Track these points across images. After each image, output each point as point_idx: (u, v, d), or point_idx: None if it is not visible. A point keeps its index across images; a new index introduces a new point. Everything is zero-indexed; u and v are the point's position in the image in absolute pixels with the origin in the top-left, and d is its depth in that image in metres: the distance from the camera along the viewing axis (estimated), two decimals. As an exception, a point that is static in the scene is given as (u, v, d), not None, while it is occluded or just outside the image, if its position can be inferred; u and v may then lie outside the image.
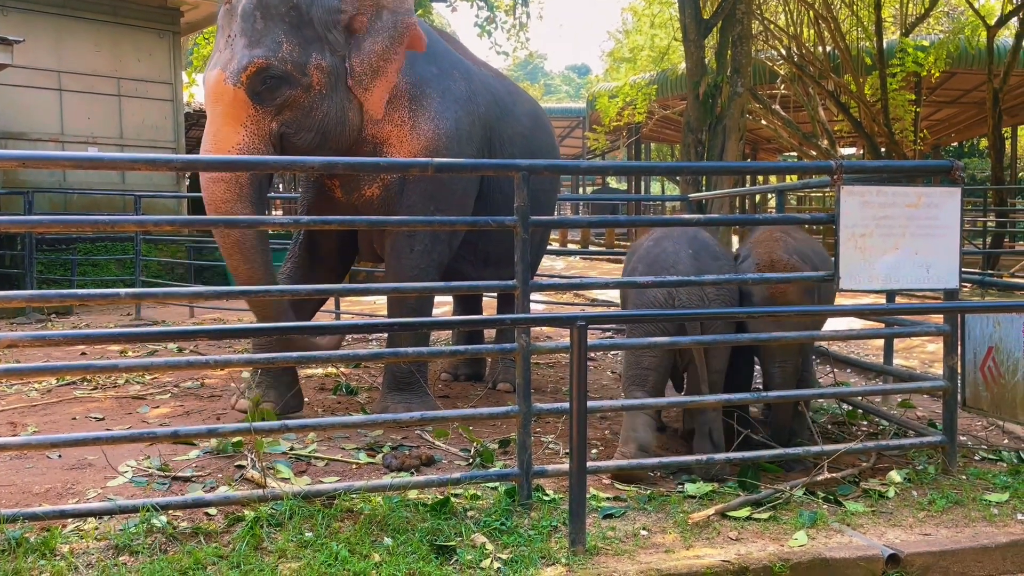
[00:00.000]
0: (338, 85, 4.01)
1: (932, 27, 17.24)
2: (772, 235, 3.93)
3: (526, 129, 4.98)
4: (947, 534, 3.04)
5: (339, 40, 3.99)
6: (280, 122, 3.89)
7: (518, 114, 4.97)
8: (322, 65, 3.92)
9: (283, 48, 3.81)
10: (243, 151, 3.81)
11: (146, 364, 3.21)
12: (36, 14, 10.49)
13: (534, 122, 5.16)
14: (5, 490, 3.23)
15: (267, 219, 3.80)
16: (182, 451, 3.75)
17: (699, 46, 9.19)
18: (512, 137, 4.83)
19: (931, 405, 4.93)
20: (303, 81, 3.87)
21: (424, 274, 4.29)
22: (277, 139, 3.92)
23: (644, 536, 2.92)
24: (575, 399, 2.75)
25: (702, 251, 3.63)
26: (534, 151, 4.97)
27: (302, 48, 3.87)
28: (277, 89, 3.84)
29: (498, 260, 4.97)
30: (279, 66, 3.80)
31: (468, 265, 4.89)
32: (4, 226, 3.55)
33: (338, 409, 4.64)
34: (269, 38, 3.81)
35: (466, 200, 4.48)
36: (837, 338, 4.37)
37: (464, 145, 4.38)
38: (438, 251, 4.37)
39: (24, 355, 5.82)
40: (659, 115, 17.62)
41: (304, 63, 3.87)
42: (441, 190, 4.28)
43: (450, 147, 4.27)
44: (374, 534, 2.81)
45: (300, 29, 3.88)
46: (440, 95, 4.31)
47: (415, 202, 4.24)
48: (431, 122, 4.24)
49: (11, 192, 9.79)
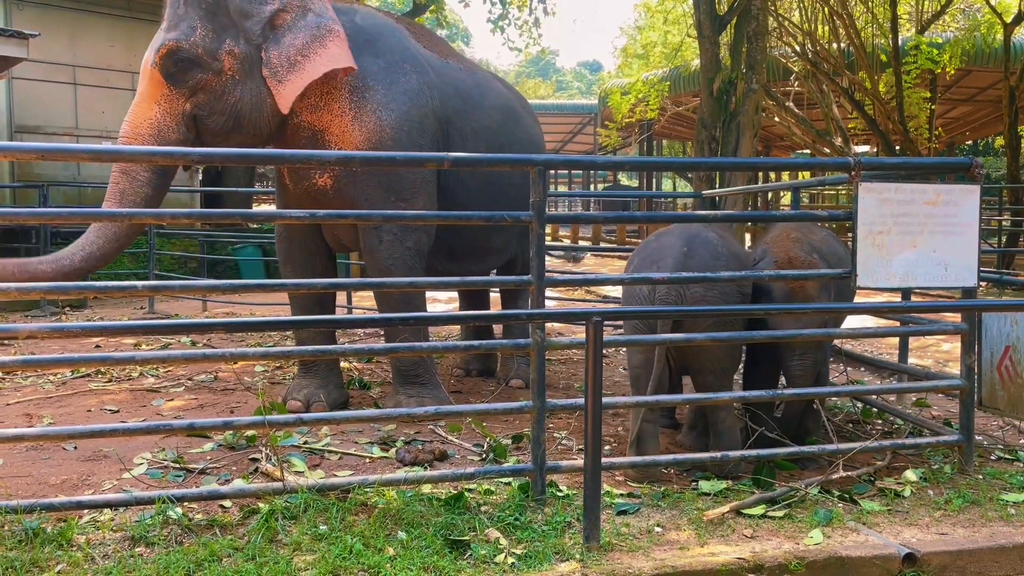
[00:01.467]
0: (252, 73, 4.12)
1: (948, 24, 17.12)
2: (789, 234, 3.91)
3: (494, 122, 4.93)
4: (964, 534, 3.01)
5: (255, 30, 4.11)
6: (193, 104, 4.06)
7: (486, 107, 4.92)
8: (234, 52, 4.06)
9: (196, 32, 3.99)
10: (155, 127, 3.98)
11: (162, 357, 3.22)
12: (51, 8, 10.55)
13: (505, 115, 5.09)
14: (22, 481, 3.26)
15: (254, 212, 3.86)
16: (196, 444, 3.77)
17: (714, 42, 9.15)
18: (477, 131, 4.79)
19: (946, 404, 4.90)
20: (214, 66, 4.03)
21: (400, 263, 4.29)
22: (191, 120, 4.06)
23: (658, 533, 2.91)
24: (590, 395, 2.74)
25: (700, 248, 3.56)
26: (504, 145, 4.92)
27: (216, 34, 4.03)
28: (188, 71, 4.00)
29: (464, 255, 4.96)
30: (189, 49, 3.97)
31: (435, 259, 4.85)
32: (22, 218, 3.56)
33: (351, 403, 4.65)
34: (185, 23, 4.00)
35: (428, 187, 4.44)
36: (853, 336, 4.34)
37: (416, 137, 4.36)
38: (412, 239, 4.33)
39: (39, 347, 5.85)
40: (671, 112, 17.54)
41: (216, 48, 4.02)
42: (396, 180, 4.28)
43: (397, 139, 4.27)
44: (388, 528, 2.81)
45: (215, 16, 4.05)
46: (386, 87, 4.32)
47: (372, 193, 4.25)
48: (374, 113, 4.25)
49: (26, 186, 9.85)
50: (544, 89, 47.99)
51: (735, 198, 8.31)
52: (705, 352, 3.58)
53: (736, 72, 8.95)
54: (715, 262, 3.53)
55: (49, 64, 10.36)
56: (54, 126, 10.63)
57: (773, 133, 20.55)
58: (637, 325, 3.65)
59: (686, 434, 4.08)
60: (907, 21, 15.97)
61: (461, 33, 49.32)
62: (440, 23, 17.06)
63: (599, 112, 22.70)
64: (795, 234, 3.90)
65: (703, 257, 3.54)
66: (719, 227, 3.92)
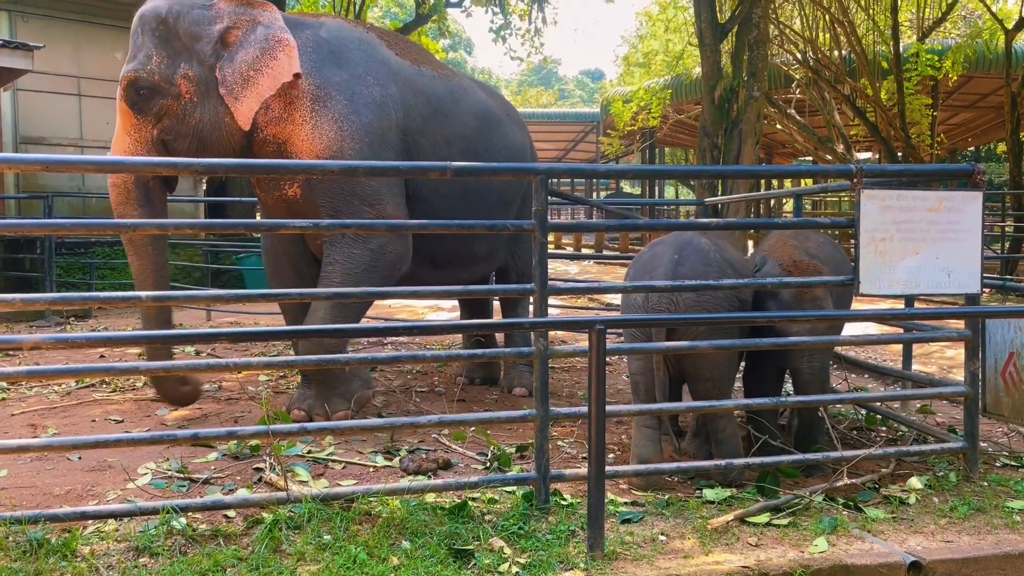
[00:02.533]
0: (209, 93, 4.20)
1: (949, 31, 17.15)
2: (787, 241, 3.92)
3: (468, 129, 4.92)
4: (969, 541, 3.01)
5: (206, 51, 4.18)
6: (160, 129, 4.17)
7: (459, 114, 4.91)
8: (189, 75, 4.16)
9: (152, 61, 4.11)
10: (129, 156, 4.09)
11: (166, 367, 3.24)
12: (56, 20, 10.60)
13: (482, 122, 5.07)
14: (26, 491, 3.26)
15: (251, 222, 3.92)
16: (201, 453, 3.77)
17: (715, 50, 9.18)
18: (450, 138, 4.79)
19: (950, 411, 4.88)
20: (171, 91, 4.14)
21: (361, 266, 4.24)
22: (159, 145, 4.19)
23: (663, 541, 2.91)
24: (593, 403, 2.75)
25: (691, 256, 3.56)
26: (479, 152, 4.92)
27: (170, 60, 4.14)
28: (151, 99, 4.12)
29: (447, 263, 4.97)
30: (147, 78, 4.09)
31: (418, 267, 4.83)
32: (27, 229, 3.58)
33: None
34: (142, 52, 4.13)
35: (394, 194, 4.40)
36: (857, 343, 4.34)
37: (377, 148, 4.36)
38: (376, 241, 4.28)
39: (44, 357, 5.86)
40: (673, 119, 17.58)
41: (171, 74, 4.13)
42: (361, 187, 4.27)
43: (358, 148, 4.27)
44: (392, 537, 2.81)
45: (168, 42, 4.15)
46: (348, 98, 4.33)
47: (338, 199, 4.26)
48: (335, 123, 4.27)
49: (31, 196, 9.89)
50: (546, 98, 48.10)
51: (737, 205, 8.32)
52: (702, 360, 3.57)
53: (738, 80, 8.98)
54: (706, 269, 3.52)
55: (54, 75, 10.41)
56: (59, 137, 10.68)
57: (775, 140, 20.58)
58: (635, 333, 3.66)
59: (690, 441, 4.07)
60: (908, 28, 16.00)
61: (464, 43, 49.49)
62: (442, 32, 17.12)
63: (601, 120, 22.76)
64: (792, 241, 3.91)
65: (694, 264, 3.53)
66: (716, 234, 3.92)
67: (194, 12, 4.19)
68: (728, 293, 3.57)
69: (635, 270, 3.76)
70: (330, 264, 4.30)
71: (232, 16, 4.23)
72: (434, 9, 15.00)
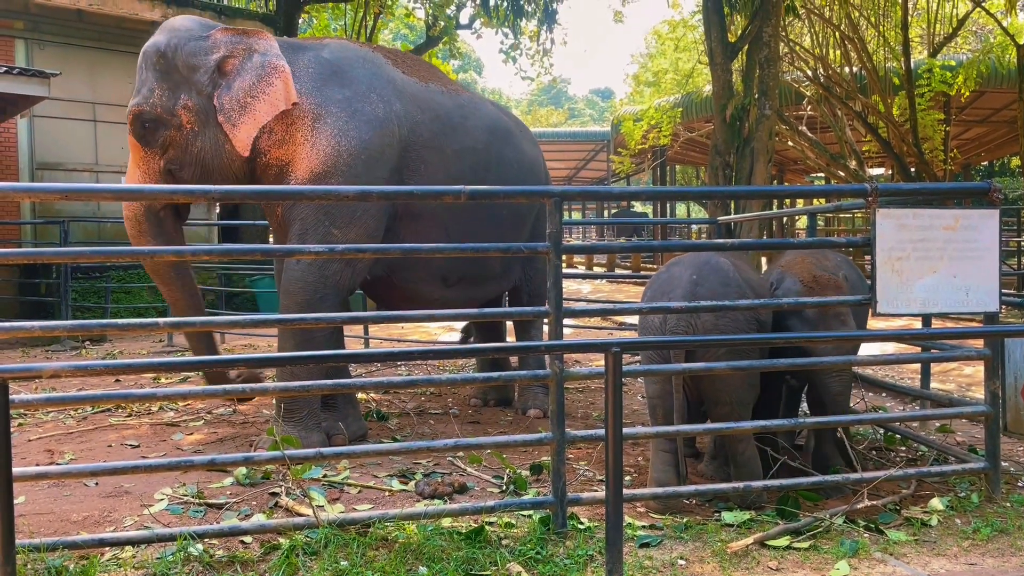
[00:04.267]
0: (209, 122, 4.27)
1: (960, 46, 17.12)
2: (804, 258, 3.90)
3: (479, 143, 4.94)
4: (993, 564, 2.96)
5: (203, 80, 4.24)
6: (166, 160, 4.27)
7: (468, 128, 4.93)
8: (189, 105, 4.23)
9: (154, 94, 4.21)
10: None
11: (182, 393, 3.24)
12: (72, 48, 10.74)
13: (492, 135, 5.09)
14: (44, 518, 3.26)
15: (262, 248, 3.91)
16: (217, 478, 3.76)
17: (726, 69, 9.19)
18: (459, 152, 4.81)
19: (970, 429, 4.83)
20: (173, 122, 4.22)
21: (311, 288, 4.21)
22: (166, 175, 4.27)
23: (682, 566, 2.88)
24: (610, 426, 2.72)
25: (710, 277, 3.54)
26: (491, 165, 4.96)
27: (171, 92, 4.22)
28: (156, 131, 4.22)
29: (457, 282, 4.96)
30: (150, 111, 4.19)
31: (428, 287, 4.85)
32: (47, 258, 3.61)
33: (369, 435, 4.64)
34: (146, 87, 4.23)
35: (368, 219, 4.35)
36: (876, 363, 4.30)
37: (373, 166, 4.36)
38: (332, 269, 4.24)
39: (61, 383, 5.89)
40: (684, 137, 17.59)
41: (172, 106, 4.21)
42: (336, 208, 4.26)
43: (352, 166, 4.28)
44: (409, 563, 2.79)
45: (168, 75, 4.23)
46: (349, 116, 4.35)
47: (307, 215, 4.26)
48: (332, 139, 4.29)
49: (47, 222, 9.98)
50: (556, 117, 48.29)
51: (751, 224, 8.29)
52: (721, 383, 3.55)
53: (749, 98, 8.98)
54: (725, 290, 3.50)
55: (69, 102, 10.53)
56: (74, 162, 10.79)
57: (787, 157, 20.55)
58: (651, 355, 3.64)
59: (707, 463, 4.04)
60: (919, 44, 15.99)
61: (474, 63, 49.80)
62: (453, 53, 17.23)
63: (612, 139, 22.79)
64: (809, 259, 3.89)
65: (713, 285, 3.51)
66: (733, 254, 3.90)
67: (191, 44, 4.26)
68: (747, 314, 3.55)
69: (652, 290, 3.74)
70: (286, 295, 4.28)
71: (228, 45, 4.29)
72: (445, 31, 15.09)
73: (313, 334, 4.20)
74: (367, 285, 4.73)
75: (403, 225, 4.59)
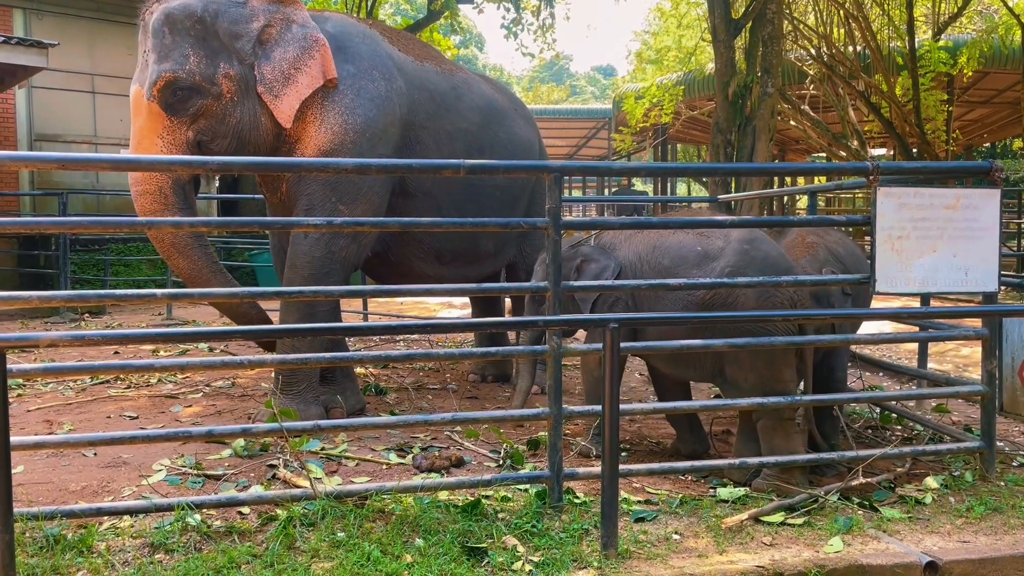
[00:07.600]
0: (248, 92, 4.16)
1: (965, 26, 16.98)
2: (806, 237, 3.89)
3: (472, 124, 4.94)
4: (986, 542, 2.98)
5: (246, 49, 4.14)
6: (196, 131, 4.09)
7: (462, 109, 4.93)
8: (230, 74, 4.09)
9: (190, 60, 4.00)
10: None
11: (181, 364, 3.25)
12: (70, 18, 10.65)
13: (487, 116, 5.08)
14: (43, 487, 3.28)
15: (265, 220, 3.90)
16: (215, 450, 3.78)
17: (729, 46, 9.12)
18: (453, 133, 4.80)
19: (966, 409, 4.85)
20: (213, 91, 4.05)
21: (317, 263, 4.22)
22: (195, 147, 4.10)
23: (676, 540, 2.90)
24: (608, 402, 2.74)
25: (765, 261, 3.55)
26: (484, 146, 4.95)
27: (209, 59, 4.05)
28: (189, 100, 4.03)
29: (452, 259, 4.97)
30: (187, 78, 3.99)
31: (423, 264, 4.86)
32: (43, 227, 3.60)
33: (367, 409, 4.66)
34: (177, 52, 4.00)
35: (373, 195, 4.37)
36: (873, 341, 4.31)
37: (377, 144, 4.36)
38: (339, 244, 4.27)
39: (60, 354, 5.90)
40: (686, 116, 17.49)
41: (212, 73, 4.05)
42: (343, 182, 4.27)
43: (358, 143, 4.27)
44: (406, 535, 2.81)
45: (206, 41, 4.06)
46: (354, 93, 4.33)
47: (315, 191, 4.26)
48: (340, 116, 4.27)
49: (46, 193, 9.96)
50: (558, 94, 47.99)
51: (751, 202, 8.27)
52: (736, 367, 3.54)
53: (751, 76, 8.91)
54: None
55: (68, 73, 10.46)
56: (73, 134, 10.74)
57: (789, 136, 20.46)
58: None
59: (738, 438, 4.04)
60: (923, 23, 15.86)
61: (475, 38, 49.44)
62: (454, 28, 17.10)
63: (613, 116, 22.66)
64: (812, 237, 3.88)
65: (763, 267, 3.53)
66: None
67: (232, 10, 4.15)
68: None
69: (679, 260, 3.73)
70: (292, 269, 4.28)
71: (267, 14, 4.22)
72: (446, 5, 14.95)
73: (315, 308, 4.20)
74: (365, 263, 4.73)
75: (399, 203, 4.59)
